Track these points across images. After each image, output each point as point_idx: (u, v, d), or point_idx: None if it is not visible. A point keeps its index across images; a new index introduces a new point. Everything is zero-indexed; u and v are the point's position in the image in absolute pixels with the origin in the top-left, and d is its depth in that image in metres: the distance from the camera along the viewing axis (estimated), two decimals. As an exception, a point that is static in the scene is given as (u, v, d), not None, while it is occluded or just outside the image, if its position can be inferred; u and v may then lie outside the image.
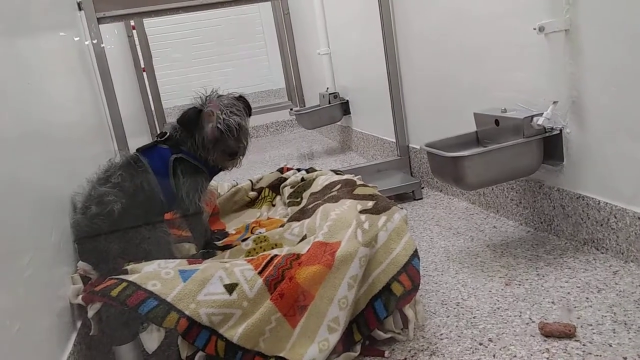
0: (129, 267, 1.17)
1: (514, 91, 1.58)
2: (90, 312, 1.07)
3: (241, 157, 1.42)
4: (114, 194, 1.27)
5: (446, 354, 1.06)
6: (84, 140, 1.70)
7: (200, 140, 1.36)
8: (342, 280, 1.09)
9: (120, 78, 2.67)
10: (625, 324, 1.05)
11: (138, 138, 2.69)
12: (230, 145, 1.38)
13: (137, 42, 3.55)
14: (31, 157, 1.12)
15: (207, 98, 1.38)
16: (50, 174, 1.23)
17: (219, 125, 1.34)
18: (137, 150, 1.40)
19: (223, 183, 1.91)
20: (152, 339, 1.06)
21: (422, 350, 1.09)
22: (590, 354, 0.98)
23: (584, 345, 1.01)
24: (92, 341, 1.12)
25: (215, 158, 1.39)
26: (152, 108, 3.60)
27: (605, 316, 1.09)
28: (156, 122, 3.58)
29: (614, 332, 1.03)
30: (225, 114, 1.35)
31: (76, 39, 1.98)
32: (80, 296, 1.10)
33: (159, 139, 1.41)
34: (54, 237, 1.15)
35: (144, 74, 3.59)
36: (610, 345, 0.99)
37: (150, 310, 1.04)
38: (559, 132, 1.43)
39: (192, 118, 1.36)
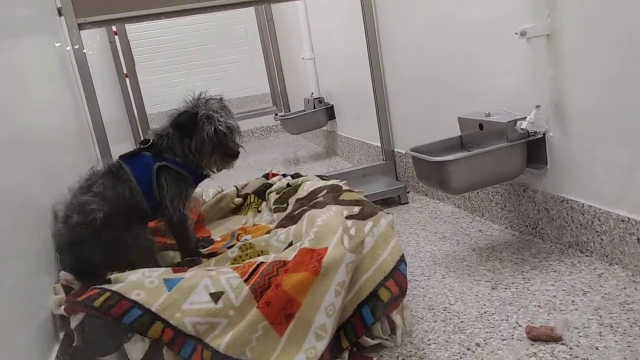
0: (112, 277, 1.15)
1: (498, 95, 1.59)
2: (73, 323, 1.05)
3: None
4: (96, 202, 1.25)
5: (434, 360, 1.06)
6: (65, 147, 1.67)
7: (197, 143, 1.34)
8: (329, 287, 1.09)
9: (102, 84, 2.64)
10: (611, 326, 1.06)
11: (121, 144, 2.66)
12: (232, 147, 1.37)
13: (119, 48, 3.52)
14: (11, 164, 1.10)
15: (197, 102, 1.37)
16: (30, 182, 1.21)
17: (220, 127, 1.33)
18: (120, 157, 1.38)
19: (208, 190, 1.89)
20: (136, 349, 1.04)
21: (410, 356, 1.09)
22: (577, 357, 0.98)
23: (570, 348, 1.01)
24: (75, 352, 1.10)
25: (215, 161, 1.38)
26: (135, 114, 3.56)
27: (592, 319, 1.10)
28: (139, 128, 3.54)
29: (600, 335, 1.04)
30: (222, 115, 1.34)
31: (57, 44, 1.95)
32: (63, 307, 1.08)
33: (142, 146, 1.39)
34: (34, 246, 1.13)
35: (127, 79, 3.56)
36: (597, 349, 1.00)
37: (135, 320, 1.03)
38: (542, 136, 1.44)
39: (188, 121, 1.34)
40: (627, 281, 1.21)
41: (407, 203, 2.12)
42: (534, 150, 1.47)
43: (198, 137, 1.34)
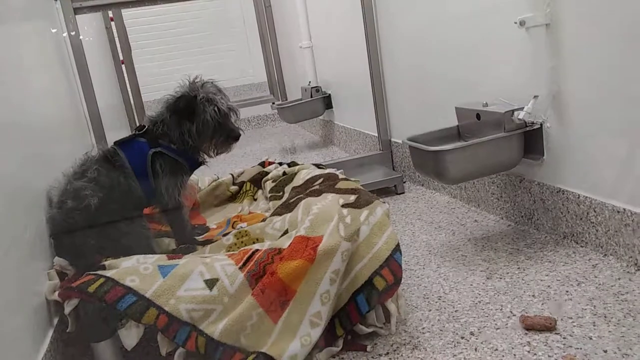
0: (106, 263, 1.14)
1: (496, 86, 1.58)
2: (67, 309, 1.05)
3: None
4: (90, 188, 1.25)
5: (428, 348, 1.06)
6: (60, 133, 1.66)
7: (198, 127, 1.33)
8: (324, 275, 1.09)
9: (97, 70, 2.62)
10: (605, 316, 1.06)
11: (117, 132, 2.64)
12: (234, 129, 1.37)
13: (115, 34, 3.48)
14: (5, 150, 1.09)
15: (193, 85, 1.36)
16: (24, 168, 1.20)
17: (222, 109, 1.33)
18: (115, 143, 1.37)
19: (204, 177, 1.89)
20: (131, 335, 1.04)
21: (404, 345, 1.09)
22: (570, 346, 0.99)
23: (564, 338, 1.02)
24: (70, 338, 1.10)
25: (216, 144, 1.38)
26: (132, 101, 3.54)
27: (585, 309, 1.10)
28: (135, 115, 3.52)
29: (594, 325, 1.04)
30: (222, 98, 1.34)
31: (53, 30, 1.93)
32: (57, 292, 1.08)
33: (137, 132, 1.38)
34: (28, 232, 1.12)
35: (123, 66, 3.53)
36: (591, 338, 1.00)
37: (129, 306, 1.03)
38: (539, 126, 1.44)
39: (187, 105, 1.33)
40: (622, 272, 1.21)
41: (403, 193, 2.11)
42: (531, 140, 1.47)
43: (199, 120, 1.33)
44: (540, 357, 0.97)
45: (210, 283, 1.07)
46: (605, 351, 0.96)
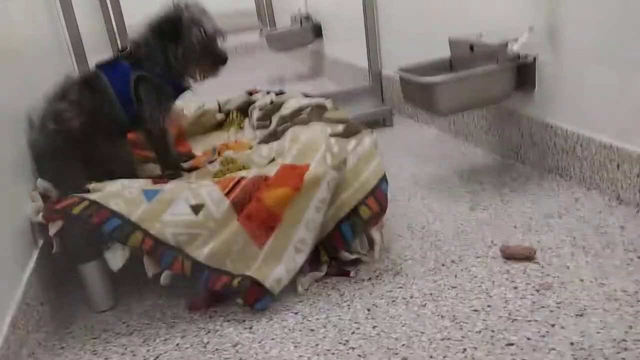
0: (90, 186, 1.13)
1: (491, 16, 1.54)
2: (52, 230, 1.05)
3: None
4: (71, 110, 1.21)
5: (409, 274, 1.09)
6: (40, 55, 1.60)
7: (184, 49, 1.29)
8: (310, 203, 1.09)
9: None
10: (584, 248, 1.09)
11: (99, 55, 2.56)
12: (220, 52, 1.32)
13: (95, -48, 3.30)
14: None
15: (177, 7, 1.29)
16: (2, 89, 1.16)
17: (209, 31, 1.28)
18: (97, 65, 1.32)
19: (189, 104, 1.85)
20: (116, 257, 1.05)
21: (386, 271, 1.12)
22: (548, 275, 1.02)
23: (542, 267, 1.05)
24: (55, 259, 1.10)
25: (202, 68, 1.33)
26: (114, 24, 3.40)
27: (565, 240, 1.13)
28: (118, 39, 3.39)
29: (572, 255, 1.07)
30: (207, 19, 1.28)
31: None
32: (41, 214, 1.07)
33: (120, 54, 1.33)
34: (9, 155, 1.10)
35: (104, -13, 3.36)
36: (568, 268, 1.03)
37: (114, 229, 1.03)
38: (533, 59, 1.41)
39: (171, 26, 1.27)
40: (604, 206, 1.23)
41: (391, 126, 2.10)
42: (524, 74, 1.45)
43: (185, 43, 1.28)
44: (518, 284, 1.00)
45: (196, 208, 1.07)
46: (582, 280, 0.99)
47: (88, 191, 1.12)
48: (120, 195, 1.08)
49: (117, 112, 1.28)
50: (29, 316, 0.95)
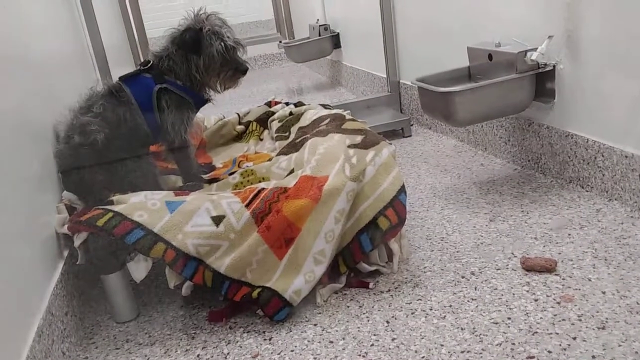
0: (114, 198, 1.15)
1: (509, 25, 1.54)
2: (77, 242, 1.07)
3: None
4: (96, 123, 1.24)
5: (429, 286, 1.09)
6: (64, 67, 1.64)
7: (205, 60, 1.31)
8: (329, 214, 1.10)
9: (101, 5, 2.56)
10: (606, 259, 1.08)
11: (121, 67, 2.61)
12: (242, 62, 1.35)
13: (118, -33, 3.37)
14: (8, 83, 1.08)
15: (197, 18, 1.32)
16: (27, 101, 1.19)
17: (229, 42, 1.30)
18: (120, 78, 1.35)
19: (210, 116, 1.88)
20: (139, 268, 1.07)
21: (405, 282, 1.12)
22: (569, 287, 1.01)
23: (563, 279, 1.04)
24: (80, 270, 1.12)
25: (224, 78, 1.36)
26: (136, 37, 3.47)
27: (586, 252, 1.11)
28: (140, 52, 3.45)
29: (594, 267, 1.06)
30: (228, 31, 1.31)
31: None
32: (66, 225, 1.10)
33: (142, 67, 1.36)
34: (36, 166, 1.13)
35: (127, 1, 3.44)
36: (590, 280, 1.02)
37: (137, 240, 1.04)
38: (552, 68, 1.40)
39: (193, 38, 1.30)
40: (625, 217, 1.22)
41: (410, 136, 2.10)
42: (543, 82, 1.44)
43: (206, 54, 1.30)
44: (538, 296, 0.99)
45: (217, 219, 1.08)
46: (604, 292, 0.98)
47: (112, 203, 1.14)
48: (144, 206, 1.10)
49: (141, 124, 1.31)
50: (54, 326, 0.97)
